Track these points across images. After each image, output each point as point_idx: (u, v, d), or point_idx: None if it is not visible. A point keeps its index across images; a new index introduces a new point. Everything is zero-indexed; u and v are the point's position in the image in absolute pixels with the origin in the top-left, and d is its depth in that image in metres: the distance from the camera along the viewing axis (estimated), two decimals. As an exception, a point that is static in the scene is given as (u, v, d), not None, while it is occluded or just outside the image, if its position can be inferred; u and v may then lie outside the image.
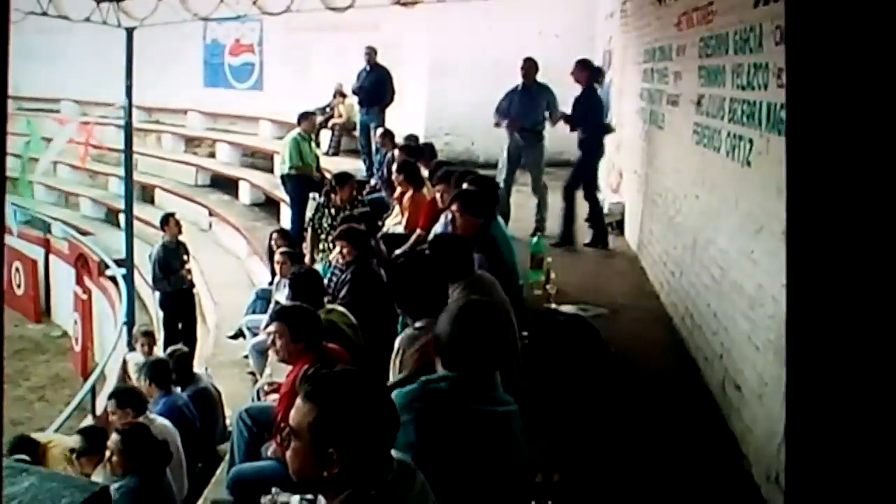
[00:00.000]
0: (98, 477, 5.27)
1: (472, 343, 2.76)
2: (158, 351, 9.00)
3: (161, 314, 10.51)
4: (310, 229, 9.04)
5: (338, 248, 6.51)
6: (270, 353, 7.08)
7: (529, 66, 9.42)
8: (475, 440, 2.69)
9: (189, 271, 10.32)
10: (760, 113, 4.40)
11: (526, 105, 9.39)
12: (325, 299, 5.60)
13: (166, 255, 10.08)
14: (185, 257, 10.27)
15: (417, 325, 3.67)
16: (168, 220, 10.32)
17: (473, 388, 2.75)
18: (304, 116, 11.49)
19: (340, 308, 5.47)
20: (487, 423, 2.73)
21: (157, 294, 10.42)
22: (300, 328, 4.42)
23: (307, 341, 4.40)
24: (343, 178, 8.93)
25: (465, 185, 6.10)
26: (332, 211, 8.76)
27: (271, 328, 4.57)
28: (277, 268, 8.32)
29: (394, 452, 2.16)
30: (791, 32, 1.27)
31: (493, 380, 2.81)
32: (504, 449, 2.76)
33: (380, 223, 8.66)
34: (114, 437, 5.04)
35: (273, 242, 9.17)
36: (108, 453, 5.04)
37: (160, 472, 5.07)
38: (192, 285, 10.47)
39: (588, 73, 9.11)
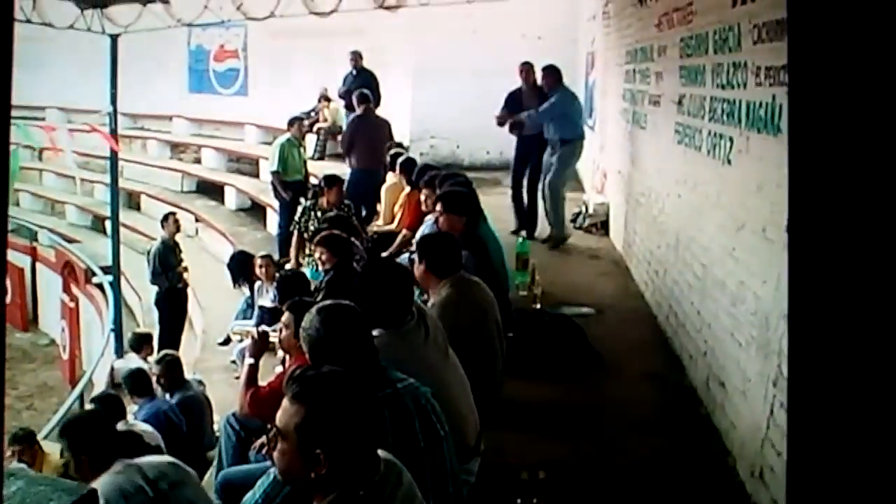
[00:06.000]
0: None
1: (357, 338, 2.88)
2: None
3: (156, 313, 10.53)
4: (296, 232, 8.98)
5: (317, 255, 6.35)
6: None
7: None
8: (402, 418, 2.77)
9: (186, 269, 10.42)
10: (740, 111, 4.41)
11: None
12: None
13: (165, 251, 10.18)
14: (181, 256, 10.38)
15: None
16: (168, 218, 10.49)
17: (377, 377, 2.82)
18: (293, 122, 11.35)
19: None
20: (405, 398, 2.83)
21: (155, 291, 10.42)
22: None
23: None
24: (331, 180, 8.80)
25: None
26: (319, 213, 8.68)
27: (283, 318, 4.57)
28: (261, 272, 8.33)
29: (381, 452, 2.16)
30: (793, 25, 1.24)
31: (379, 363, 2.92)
32: (430, 414, 2.87)
33: (361, 226, 8.66)
34: None
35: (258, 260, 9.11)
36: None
37: None
38: (187, 284, 10.54)
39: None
